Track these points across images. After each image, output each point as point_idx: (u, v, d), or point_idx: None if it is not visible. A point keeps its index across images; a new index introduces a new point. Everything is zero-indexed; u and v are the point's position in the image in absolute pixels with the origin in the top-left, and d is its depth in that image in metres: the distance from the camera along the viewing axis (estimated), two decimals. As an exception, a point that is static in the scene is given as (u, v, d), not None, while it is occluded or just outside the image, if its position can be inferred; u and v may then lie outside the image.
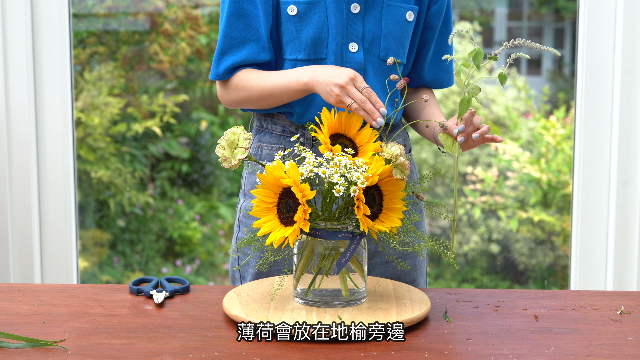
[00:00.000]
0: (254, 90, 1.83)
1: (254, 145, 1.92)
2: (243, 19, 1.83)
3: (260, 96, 1.83)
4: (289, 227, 1.55)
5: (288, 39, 1.84)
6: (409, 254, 1.93)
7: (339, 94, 1.69)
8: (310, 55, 1.83)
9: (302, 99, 1.84)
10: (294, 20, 1.82)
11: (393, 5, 1.85)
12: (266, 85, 1.82)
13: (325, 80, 1.72)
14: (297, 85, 1.78)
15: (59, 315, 1.63)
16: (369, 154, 1.61)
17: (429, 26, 1.93)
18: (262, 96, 1.83)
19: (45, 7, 2.68)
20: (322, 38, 1.82)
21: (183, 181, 4.00)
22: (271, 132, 1.90)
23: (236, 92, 1.86)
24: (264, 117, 1.92)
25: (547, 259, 3.89)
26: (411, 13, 1.87)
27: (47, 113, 2.72)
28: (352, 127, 1.65)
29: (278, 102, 1.83)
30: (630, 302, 1.72)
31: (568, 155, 3.80)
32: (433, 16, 1.92)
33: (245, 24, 1.83)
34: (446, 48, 1.96)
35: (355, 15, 1.83)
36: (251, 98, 1.85)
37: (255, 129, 1.94)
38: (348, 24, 1.83)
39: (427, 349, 1.47)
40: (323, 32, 1.82)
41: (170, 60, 3.79)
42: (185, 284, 1.78)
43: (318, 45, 1.82)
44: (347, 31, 1.83)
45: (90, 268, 3.83)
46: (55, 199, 2.76)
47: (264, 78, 1.82)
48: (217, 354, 1.45)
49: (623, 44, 2.61)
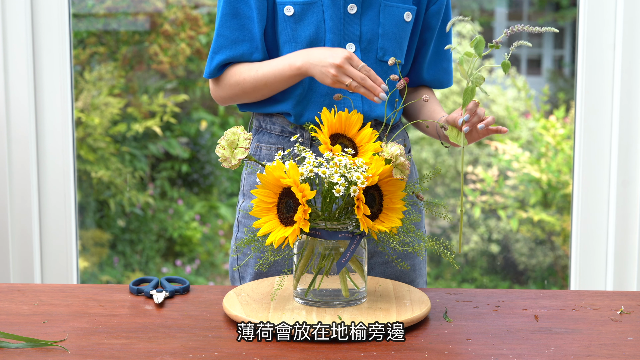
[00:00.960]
0: (247, 82, 1.83)
1: (253, 145, 1.92)
2: (237, 19, 1.83)
3: (254, 87, 1.83)
4: (289, 227, 1.55)
5: (285, 39, 1.84)
6: (408, 254, 1.93)
7: (336, 74, 1.68)
8: None
9: (299, 100, 1.84)
10: (291, 20, 1.82)
11: (390, 5, 1.84)
12: (259, 75, 1.81)
13: (320, 62, 1.71)
14: (290, 71, 1.77)
15: (59, 315, 1.63)
16: (369, 154, 1.61)
17: (428, 26, 1.93)
18: (256, 87, 1.82)
19: (45, 7, 2.68)
20: (318, 38, 1.82)
21: (183, 181, 4.00)
22: (270, 132, 1.90)
23: (229, 87, 1.86)
24: (262, 117, 1.92)
25: (547, 259, 3.89)
26: (409, 13, 1.87)
27: (47, 113, 2.72)
28: (352, 127, 1.65)
29: (273, 91, 1.82)
30: (630, 302, 1.72)
31: (568, 155, 3.80)
32: (432, 16, 1.92)
33: (238, 24, 1.83)
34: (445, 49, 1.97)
35: (352, 15, 1.83)
36: (245, 90, 1.84)
37: (255, 129, 1.94)
38: (345, 24, 1.83)
39: (427, 349, 1.47)
40: (320, 32, 1.82)
41: (170, 60, 3.79)
42: (185, 284, 1.78)
43: (315, 45, 1.82)
44: (344, 31, 1.83)
45: (90, 268, 3.83)
46: (55, 199, 2.76)
47: (256, 69, 1.81)
48: (217, 354, 1.45)
49: (623, 44, 2.61)
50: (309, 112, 1.84)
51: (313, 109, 1.84)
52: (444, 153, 3.98)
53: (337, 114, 1.64)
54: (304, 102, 1.84)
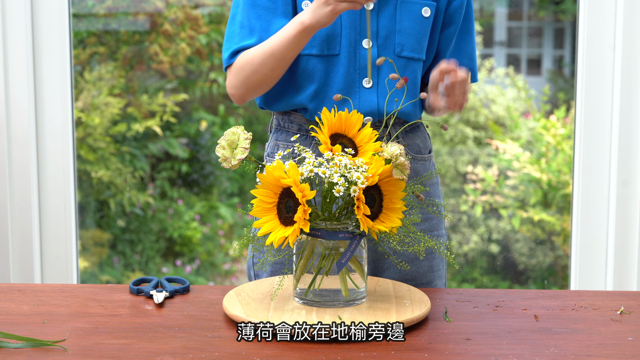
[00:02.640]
0: (255, 57, 1.80)
1: (271, 144, 1.93)
2: (255, 9, 1.84)
3: (262, 62, 1.80)
4: (289, 227, 1.55)
5: None
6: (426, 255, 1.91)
7: (331, 2, 1.71)
8: (323, 50, 1.83)
9: (315, 95, 1.84)
10: None
11: (408, 1, 1.84)
12: (266, 47, 1.79)
13: (314, 5, 1.73)
14: (293, 28, 1.75)
15: (59, 315, 1.63)
16: (369, 154, 1.61)
17: (450, 22, 1.92)
18: (264, 60, 1.80)
19: (45, 7, 2.68)
20: (335, 34, 1.83)
21: (183, 181, 4.00)
22: (288, 131, 1.91)
23: (240, 70, 1.83)
24: (281, 116, 1.92)
25: (547, 259, 3.89)
26: (427, 9, 1.86)
27: (47, 113, 2.72)
28: (352, 127, 1.65)
29: (282, 61, 1.79)
30: (630, 302, 1.72)
31: (568, 155, 3.80)
32: (454, 12, 1.91)
33: (255, 14, 1.84)
34: (467, 45, 1.95)
35: (369, 11, 1.83)
36: (254, 68, 1.81)
37: (274, 128, 1.94)
38: (362, 20, 1.83)
39: (427, 349, 1.47)
40: (336, 27, 1.83)
41: (170, 60, 3.79)
42: (185, 284, 1.78)
43: (331, 41, 1.83)
44: (360, 27, 1.83)
45: (90, 268, 3.83)
46: (55, 199, 2.76)
47: (262, 44, 1.81)
48: (217, 354, 1.45)
49: (623, 44, 2.61)
50: (325, 107, 1.85)
51: (328, 105, 1.84)
52: (444, 153, 3.98)
53: (337, 114, 1.64)
54: (319, 97, 1.85)
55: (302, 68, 1.85)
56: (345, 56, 1.83)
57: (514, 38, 4.10)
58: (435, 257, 1.94)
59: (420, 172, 1.91)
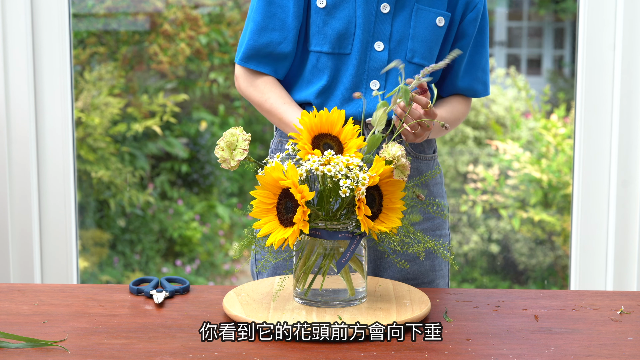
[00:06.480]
0: (260, 106, 1.91)
1: (275, 140, 1.94)
2: (270, 6, 1.85)
3: (263, 112, 1.92)
4: (288, 228, 1.55)
5: (315, 30, 1.85)
6: (427, 254, 1.91)
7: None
8: (334, 49, 1.84)
9: (322, 91, 1.85)
10: (322, 12, 1.83)
11: (423, 9, 1.85)
12: (269, 109, 1.89)
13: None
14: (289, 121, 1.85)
15: (59, 315, 1.63)
16: (353, 150, 1.61)
17: (464, 34, 1.92)
18: (264, 113, 1.92)
19: (45, 7, 2.68)
20: (348, 33, 1.83)
21: (183, 181, 4.00)
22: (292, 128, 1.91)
23: (250, 96, 1.92)
24: None
25: (547, 259, 3.89)
26: (442, 18, 1.87)
27: (47, 113, 2.72)
28: (334, 125, 1.63)
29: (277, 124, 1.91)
30: (630, 302, 1.72)
31: (568, 155, 3.80)
32: (468, 24, 1.91)
33: (270, 11, 1.85)
34: (481, 57, 1.95)
35: (384, 15, 1.84)
36: (258, 107, 1.92)
37: None
38: (376, 22, 1.84)
39: (427, 349, 1.47)
40: (350, 27, 1.83)
41: (170, 60, 3.79)
42: (185, 284, 1.78)
43: (343, 40, 1.84)
44: (374, 30, 1.84)
45: (90, 268, 3.83)
46: (55, 199, 2.75)
47: (271, 102, 1.89)
48: (217, 354, 1.45)
49: (623, 44, 2.61)
50: (330, 105, 1.85)
51: (333, 102, 1.85)
52: (443, 153, 3.98)
53: (318, 114, 1.62)
54: (325, 94, 1.86)
55: (311, 64, 1.86)
56: (355, 56, 1.84)
57: (514, 38, 4.10)
58: (437, 256, 1.94)
59: (424, 171, 1.92)
